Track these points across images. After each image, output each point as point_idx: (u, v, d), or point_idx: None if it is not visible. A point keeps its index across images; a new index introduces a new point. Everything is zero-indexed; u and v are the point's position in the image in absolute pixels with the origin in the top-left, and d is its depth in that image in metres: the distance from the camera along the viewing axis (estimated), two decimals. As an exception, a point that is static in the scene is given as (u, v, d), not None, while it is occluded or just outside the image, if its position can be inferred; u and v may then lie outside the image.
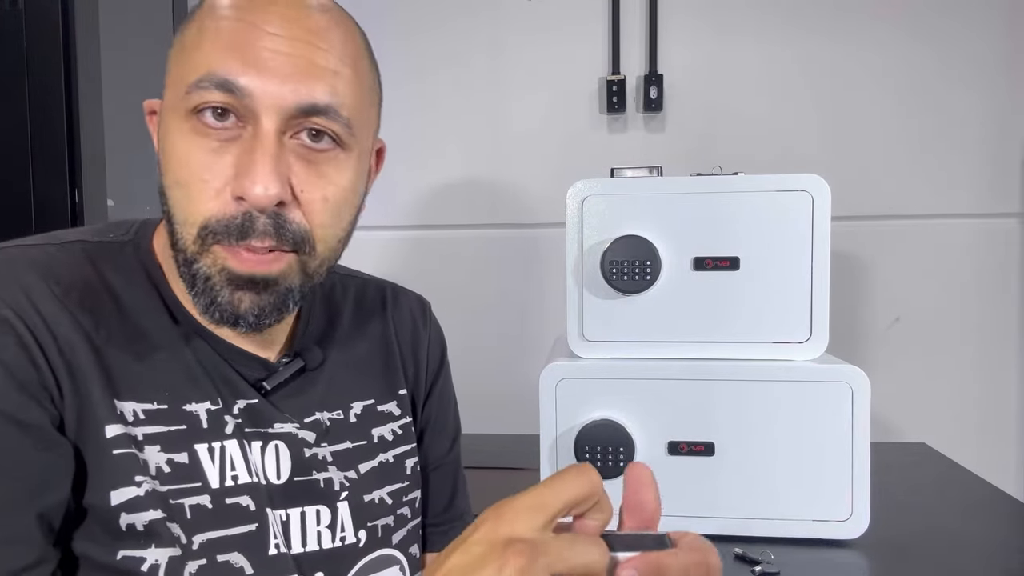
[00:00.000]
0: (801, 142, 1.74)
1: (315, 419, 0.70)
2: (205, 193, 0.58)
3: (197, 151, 0.58)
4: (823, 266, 1.10)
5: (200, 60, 0.58)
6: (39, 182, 1.38)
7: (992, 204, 1.71)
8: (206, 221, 0.58)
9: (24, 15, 1.36)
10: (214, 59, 0.57)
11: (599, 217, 1.14)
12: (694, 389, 1.11)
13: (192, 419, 0.62)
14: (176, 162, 0.59)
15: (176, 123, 0.59)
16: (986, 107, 1.70)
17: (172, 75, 0.60)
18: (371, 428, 0.74)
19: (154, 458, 0.59)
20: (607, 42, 1.77)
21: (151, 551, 0.58)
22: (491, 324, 1.84)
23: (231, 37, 0.58)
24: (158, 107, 0.64)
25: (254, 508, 0.63)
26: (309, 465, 0.67)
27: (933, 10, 1.70)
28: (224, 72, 0.57)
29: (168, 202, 0.60)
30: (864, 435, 1.07)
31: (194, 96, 0.57)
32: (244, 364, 0.66)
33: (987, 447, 1.71)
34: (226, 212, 0.58)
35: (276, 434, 0.66)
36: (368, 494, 0.71)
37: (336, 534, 0.68)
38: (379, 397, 0.76)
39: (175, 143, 0.59)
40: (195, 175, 0.58)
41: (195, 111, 0.58)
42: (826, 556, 1.06)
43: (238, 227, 0.58)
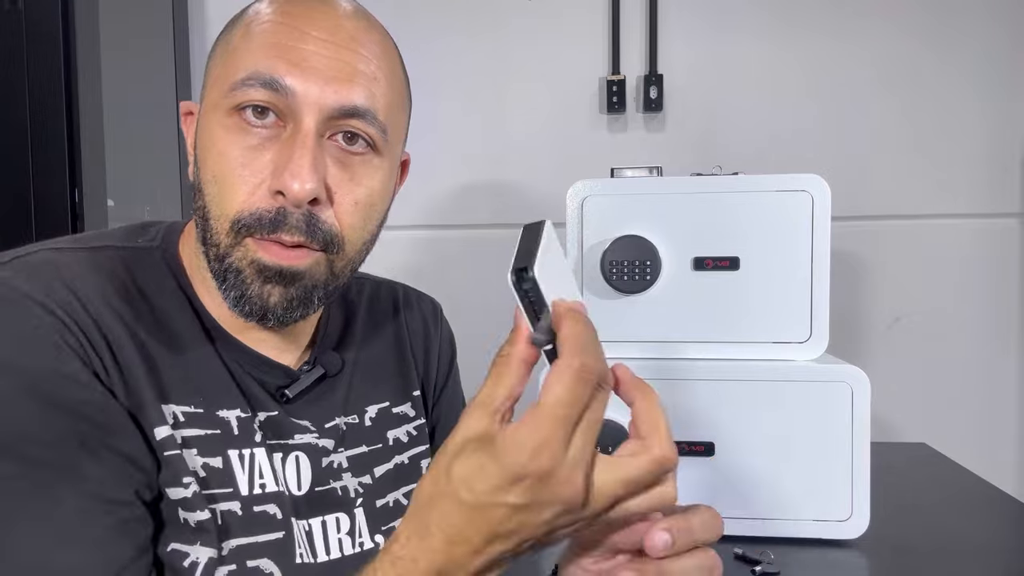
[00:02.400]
0: (801, 142, 1.74)
1: (334, 425, 0.70)
2: (242, 188, 0.59)
3: (236, 147, 0.59)
4: (823, 266, 1.10)
5: (246, 60, 0.60)
6: (39, 182, 1.38)
7: (992, 204, 1.71)
8: (239, 215, 0.59)
9: (24, 15, 1.36)
10: (260, 59, 0.59)
11: (599, 217, 1.14)
12: (694, 389, 1.10)
13: (225, 425, 0.62)
14: (215, 157, 0.60)
15: (217, 120, 0.60)
16: (986, 107, 1.70)
17: (214, 75, 0.62)
18: (386, 431, 0.75)
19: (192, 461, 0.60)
20: (607, 42, 1.77)
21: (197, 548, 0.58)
22: (491, 324, 1.83)
23: (276, 39, 0.60)
24: (195, 109, 0.65)
25: (280, 517, 0.63)
26: (327, 474, 0.68)
27: (934, 10, 1.70)
28: (270, 71, 0.59)
29: (203, 198, 0.61)
30: (864, 435, 1.07)
31: (238, 94, 0.59)
32: (267, 372, 0.67)
33: (987, 447, 1.71)
34: (260, 206, 0.59)
35: (296, 445, 0.67)
36: (382, 498, 0.72)
37: (355, 540, 0.69)
38: (393, 399, 0.77)
39: (215, 139, 0.60)
40: (233, 170, 0.59)
41: (237, 108, 0.59)
42: (826, 556, 1.06)
43: (271, 220, 0.59)
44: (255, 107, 0.59)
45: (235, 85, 0.59)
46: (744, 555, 1.04)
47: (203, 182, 0.61)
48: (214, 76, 0.62)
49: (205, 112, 0.62)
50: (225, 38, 0.63)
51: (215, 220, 0.60)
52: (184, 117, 0.67)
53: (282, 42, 0.60)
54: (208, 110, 0.61)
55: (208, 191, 0.60)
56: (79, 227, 1.38)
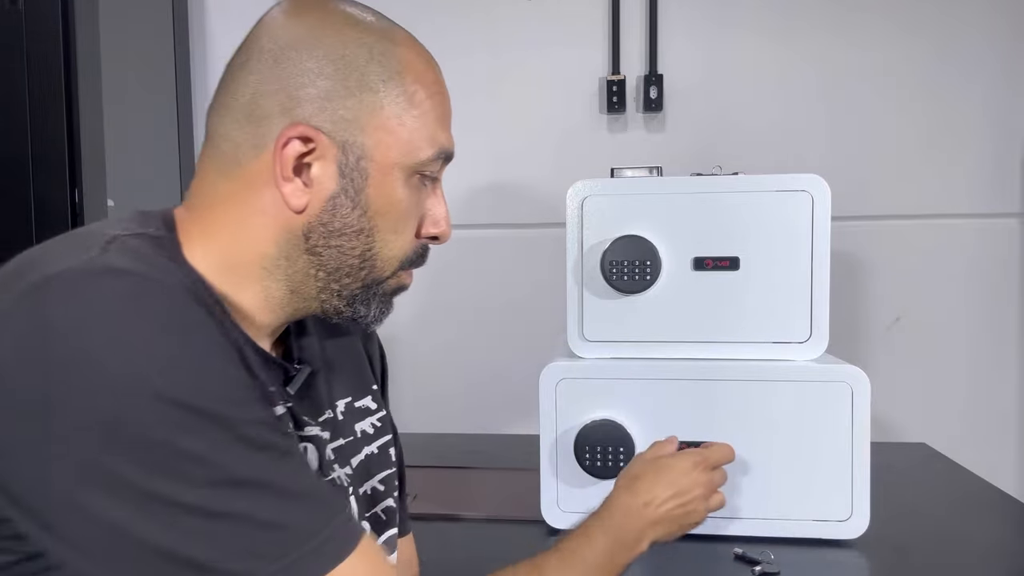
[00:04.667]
0: (801, 142, 1.74)
1: (326, 418, 0.74)
2: (410, 234, 0.70)
3: (414, 205, 0.69)
4: (823, 266, 1.10)
5: (434, 133, 0.69)
6: (39, 182, 1.38)
7: (992, 204, 1.71)
8: (406, 255, 0.70)
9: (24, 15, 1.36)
10: (439, 133, 0.70)
11: (599, 217, 1.14)
12: (694, 389, 1.11)
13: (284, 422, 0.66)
14: (400, 213, 0.68)
15: (401, 179, 0.68)
16: (986, 107, 1.70)
17: (390, 125, 0.66)
18: (354, 424, 0.78)
19: None
20: (607, 42, 1.77)
21: None
22: (491, 324, 1.84)
23: (444, 110, 0.72)
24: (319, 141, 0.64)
25: None
26: (327, 467, 0.71)
27: (934, 10, 1.70)
28: (449, 146, 0.72)
29: (374, 244, 0.68)
30: (864, 435, 1.07)
31: (430, 166, 0.69)
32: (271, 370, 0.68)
33: (987, 447, 1.71)
34: (416, 247, 0.71)
35: (307, 436, 0.70)
36: (361, 487, 0.75)
37: None
38: (355, 393, 0.80)
39: (401, 198, 0.68)
40: (410, 223, 0.70)
41: (419, 173, 0.69)
42: (826, 556, 1.06)
43: (420, 256, 0.73)
44: None
45: (431, 157, 0.69)
46: (744, 555, 1.04)
47: (377, 230, 0.68)
48: (390, 128, 0.66)
49: (382, 166, 0.67)
50: (400, 90, 0.67)
51: (384, 260, 0.69)
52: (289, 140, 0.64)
53: (446, 114, 0.73)
54: (389, 168, 0.67)
55: (385, 238, 0.68)
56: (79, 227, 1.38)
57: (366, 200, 0.66)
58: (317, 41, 0.65)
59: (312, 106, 0.64)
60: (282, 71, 0.64)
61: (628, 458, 1.09)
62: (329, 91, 0.64)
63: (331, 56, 0.64)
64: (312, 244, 0.66)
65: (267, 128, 0.64)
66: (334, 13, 0.67)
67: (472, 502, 1.26)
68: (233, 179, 0.65)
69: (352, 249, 0.67)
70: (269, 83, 0.64)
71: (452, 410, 1.85)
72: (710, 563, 1.03)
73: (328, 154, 0.65)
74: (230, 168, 0.65)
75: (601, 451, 1.10)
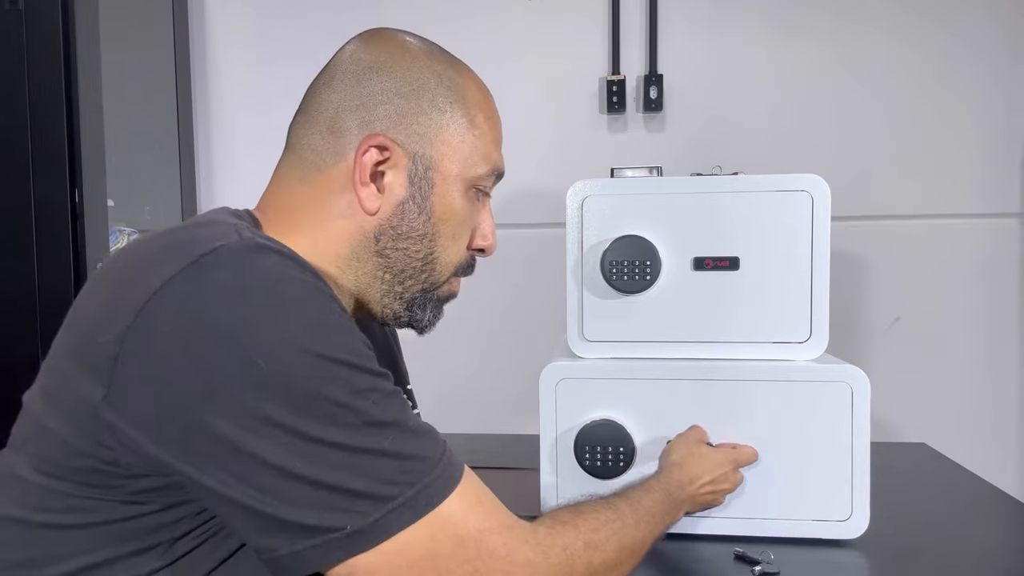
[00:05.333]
0: (801, 142, 1.74)
1: None
2: (464, 243, 0.81)
3: (469, 215, 0.80)
4: (823, 266, 1.10)
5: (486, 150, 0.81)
6: (39, 182, 1.38)
7: (992, 204, 1.71)
8: (460, 262, 0.81)
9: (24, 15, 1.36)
10: (494, 152, 0.82)
11: (599, 217, 1.14)
12: (694, 389, 1.11)
13: None
14: (460, 223, 0.79)
15: (460, 191, 0.78)
16: (986, 107, 1.71)
17: (455, 141, 0.77)
18: None
19: None
20: (607, 42, 1.77)
21: None
22: (491, 324, 1.84)
23: (498, 135, 0.84)
24: (394, 150, 0.75)
25: None
26: None
27: (933, 10, 1.70)
28: (502, 166, 0.85)
29: (435, 248, 0.78)
30: (864, 435, 1.07)
31: (487, 182, 0.82)
32: None
33: (987, 447, 1.71)
34: (466, 255, 0.82)
35: None
36: None
37: None
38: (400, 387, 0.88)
39: (459, 208, 0.79)
40: (467, 232, 0.81)
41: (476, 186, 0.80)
42: (826, 556, 1.06)
43: (469, 266, 0.84)
44: None
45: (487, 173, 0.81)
46: (744, 555, 1.04)
47: (438, 235, 0.78)
48: (454, 144, 0.77)
49: (448, 177, 0.77)
50: (465, 112, 0.78)
51: (443, 265, 0.79)
52: (369, 148, 0.74)
53: (499, 137, 0.85)
54: (451, 180, 0.78)
55: (443, 244, 0.78)
56: (79, 227, 1.38)
57: (431, 207, 0.76)
58: (395, 65, 0.75)
59: (388, 121, 0.74)
60: (363, 89, 0.75)
61: (628, 458, 1.10)
62: (403, 108, 0.75)
63: (407, 78, 0.75)
64: (382, 246, 0.75)
65: (347, 138, 0.74)
66: (407, 43, 0.78)
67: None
68: (313, 184, 0.74)
69: (416, 252, 0.77)
70: (351, 99, 0.74)
71: (452, 410, 1.85)
72: (710, 563, 1.03)
73: (400, 163, 0.75)
74: (311, 174, 0.75)
75: (601, 451, 1.10)
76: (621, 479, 1.11)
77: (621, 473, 1.10)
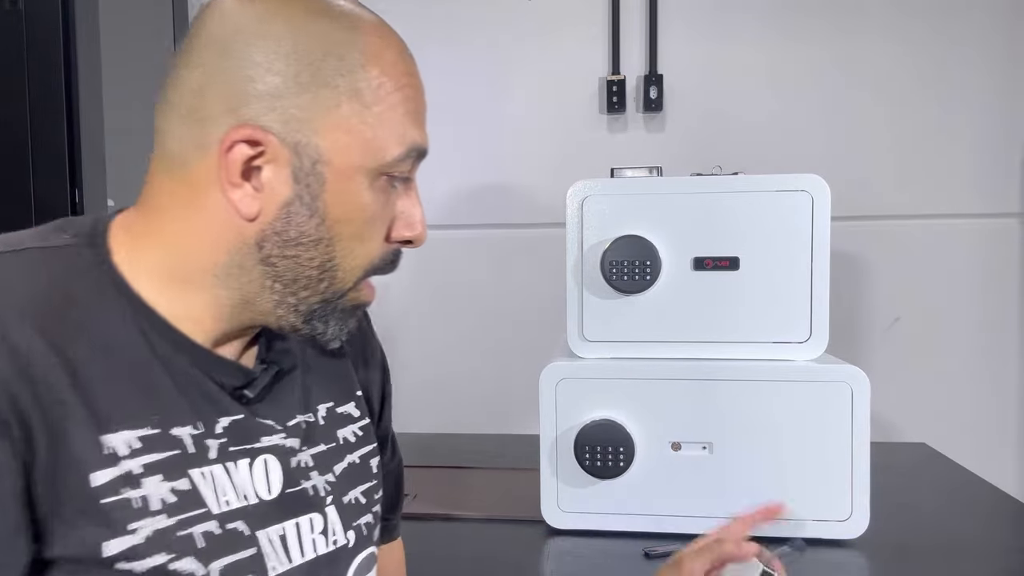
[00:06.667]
0: (801, 142, 1.74)
1: (296, 423, 0.69)
2: (378, 239, 0.65)
3: (381, 208, 0.64)
4: (823, 266, 1.10)
5: (403, 130, 0.62)
6: (39, 182, 1.38)
7: (992, 204, 1.71)
8: (372, 263, 0.65)
9: (24, 15, 1.36)
10: (410, 130, 0.63)
11: (599, 217, 1.14)
12: (694, 389, 1.11)
13: (181, 444, 0.60)
14: (365, 221, 0.63)
15: (364, 183, 0.62)
16: (986, 107, 1.70)
17: (347, 125, 0.60)
18: (336, 430, 0.73)
19: (156, 489, 0.57)
20: (607, 42, 1.77)
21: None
22: (491, 324, 1.84)
23: (416, 105, 0.64)
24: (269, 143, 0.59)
25: (248, 533, 0.62)
26: (297, 475, 0.67)
27: (934, 10, 1.70)
28: (421, 143, 0.64)
29: (333, 254, 0.63)
30: (864, 435, 1.07)
31: (400, 166, 0.63)
32: (224, 373, 0.64)
33: (987, 447, 1.71)
34: (385, 252, 0.66)
35: (263, 448, 0.65)
36: (346, 495, 0.71)
37: (329, 538, 0.68)
38: (337, 399, 0.75)
39: (364, 204, 0.62)
40: (377, 227, 0.64)
41: (387, 174, 0.63)
42: (826, 556, 1.06)
43: (391, 262, 0.67)
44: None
45: (400, 156, 0.62)
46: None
47: (337, 239, 0.62)
48: (352, 132, 0.60)
49: (341, 171, 0.61)
50: (350, 88, 0.60)
51: (346, 271, 0.64)
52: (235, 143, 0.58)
53: (419, 108, 0.64)
54: (351, 171, 0.61)
55: (346, 245, 0.63)
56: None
57: (323, 207, 0.61)
58: (266, 31, 0.58)
59: (260, 104, 0.58)
60: (228, 64, 0.58)
61: (628, 458, 1.10)
62: (279, 88, 0.58)
63: (281, 48, 0.58)
64: (266, 254, 0.61)
65: (212, 128, 0.58)
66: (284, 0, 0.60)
67: (472, 502, 1.26)
68: (180, 181, 0.61)
69: (310, 260, 0.62)
70: (214, 77, 0.58)
71: (452, 410, 1.85)
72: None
73: (280, 157, 0.59)
74: (176, 169, 0.61)
75: (601, 451, 1.10)
76: (621, 479, 1.11)
77: (621, 473, 1.10)
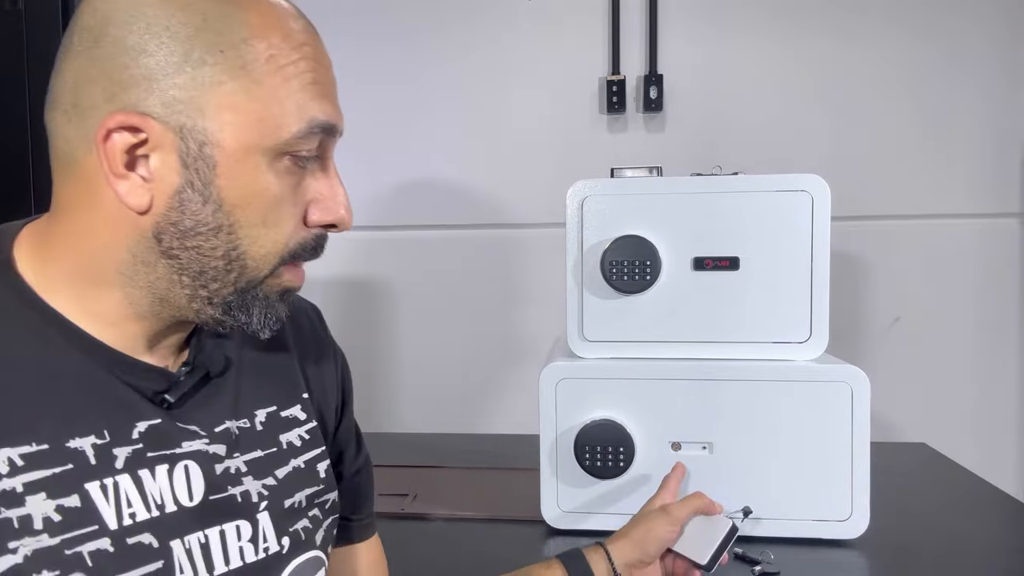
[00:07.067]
0: (801, 142, 1.74)
1: (224, 428, 0.67)
2: (290, 224, 0.61)
3: (288, 190, 0.60)
4: (823, 266, 1.10)
5: (302, 104, 0.59)
6: (39, 182, 1.38)
7: (992, 204, 1.71)
8: (286, 249, 0.61)
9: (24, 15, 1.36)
10: (310, 103, 0.59)
11: (599, 217, 1.14)
12: (694, 389, 1.11)
13: (78, 457, 0.57)
14: (268, 202, 0.59)
15: (263, 164, 0.58)
16: (986, 107, 1.71)
17: (236, 104, 0.57)
18: (278, 434, 0.71)
19: (40, 508, 0.55)
20: (607, 42, 1.77)
21: None
22: (491, 324, 1.84)
23: (314, 77, 0.60)
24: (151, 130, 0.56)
25: (157, 545, 0.59)
26: (223, 481, 0.65)
27: (933, 10, 1.70)
28: (328, 118, 0.60)
29: (237, 242, 0.59)
30: (864, 435, 1.07)
31: (302, 143, 0.59)
32: (142, 378, 0.62)
33: (987, 447, 1.71)
34: (303, 238, 0.62)
35: (184, 454, 0.63)
36: (289, 498, 0.70)
37: (259, 545, 0.66)
38: (281, 403, 0.73)
39: (265, 186, 0.59)
40: (287, 211, 0.60)
41: (290, 153, 0.59)
42: (826, 556, 1.06)
43: (312, 248, 0.63)
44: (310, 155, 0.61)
45: (301, 133, 0.59)
46: (744, 555, 1.04)
47: (239, 225, 0.59)
48: (241, 110, 0.57)
49: (231, 152, 0.57)
50: (240, 68, 0.57)
51: (256, 259, 0.60)
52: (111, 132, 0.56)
53: (319, 80, 0.60)
54: (245, 152, 0.58)
55: (251, 233, 0.59)
56: None
57: (219, 193, 0.58)
58: (138, 13, 0.56)
59: (138, 89, 0.55)
60: (102, 52, 0.56)
61: (628, 458, 1.10)
62: (153, 70, 0.55)
63: (153, 29, 0.55)
64: (167, 247, 0.58)
65: (93, 120, 0.56)
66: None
67: (472, 502, 1.26)
68: (75, 179, 0.59)
69: (213, 250, 0.59)
70: (90, 67, 0.56)
71: (452, 410, 1.85)
72: (710, 563, 1.03)
73: (165, 143, 0.56)
74: (69, 168, 0.59)
75: (601, 451, 1.10)
76: (621, 479, 1.11)
77: (621, 473, 1.10)
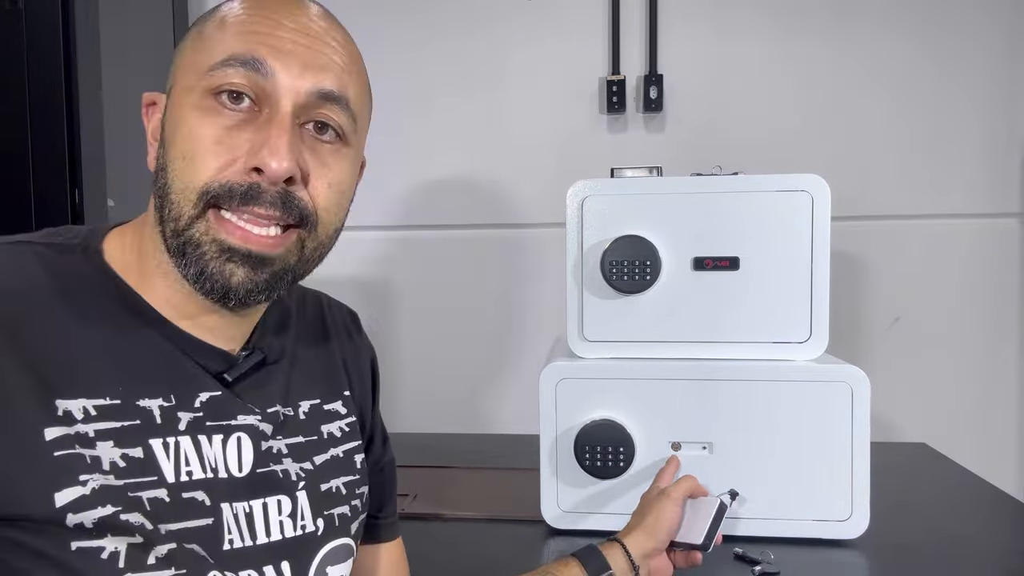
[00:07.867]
0: (801, 142, 1.74)
1: (275, 411, 0.71)
2: (214, 162, 0.60)
3: (211, 127, 0.61)
4: (823, 266, 1.10)
5: (226, 45, 0.62)
6: (39, 182, 1.38)
7: (992, 204, 1.71)
8: (207, 186, 0.60)
9: (24, 15, 1.36)
10: (239, 44, 0.61)
11: (599, 217, 1.14)
12: (694, 389, 1.11)
13: (146, 415, 0.62)
14: (186, 135, 0.61)
15: (191, 102, 0.61)
16: (986, 107, 1.70)
17: (186, 60, 0.63)
18: (320, 425, 0.76)
19: (108, 453, 0.60)
20: (607, 42, 1.77)
21: (108, 540, 0.58)
22: (491, 324, 1.84)
23: (255, 27, 0.62)
24: (159, 99, 0.66)
25: (209, 503, 0.64)
26: (267, 457, 0.69)
27: (933, 10, 1.70)
28: (251, 53, 0.61)
29: (166, 176, 0.62)
30: (864, 435, 1.07)
31: (217, 76, 0.61)
32: (205, 357, 0.67)
33: (987, 447, 1.71)
34: (233, 179, 0.60)
35: (239, 426, 0.67)
36: (325, 483, 0.73)
37: (297, 523, 0.69)
38: (324, 397, 0.77)
39: (187, 119, 0.61)
40: (206, 147, 0.60)
41: (213, 92, 0.61)
42: (826, 556, 1.06)
43: (242, 193, 0.60)
44: (232, 92, 0.61)
45: (213, 67, 0.61)
46: (744, 555, 1.04)
47: (168, 160, 0.62)
48: (186, 62, 0.64)
49: (176, 96, 0.63)
50: (196, 31, 0.65)
51: (178, 193, 0.61)
52: (145, 108, 0.67)
53: (259, 30, 0.62)
54: (180, 94, 0.62)
55: (174, 167, 0.61)
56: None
57: (163, 134, 0.64)
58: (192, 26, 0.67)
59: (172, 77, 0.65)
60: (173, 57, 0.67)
61: (628, 458, 1.10)
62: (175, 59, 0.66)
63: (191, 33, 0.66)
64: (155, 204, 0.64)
65: None
66: None
67: (472, 502, 1.26)
68: None
69: (159, 190, 0.63)
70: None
71: (452, 410, 1.85)
72: (710, 563, 1.03)
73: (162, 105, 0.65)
74: None
75: (601, 451, 1.10)
76: (621, 479, 1.11)
77: (621, 473, 1.10)
